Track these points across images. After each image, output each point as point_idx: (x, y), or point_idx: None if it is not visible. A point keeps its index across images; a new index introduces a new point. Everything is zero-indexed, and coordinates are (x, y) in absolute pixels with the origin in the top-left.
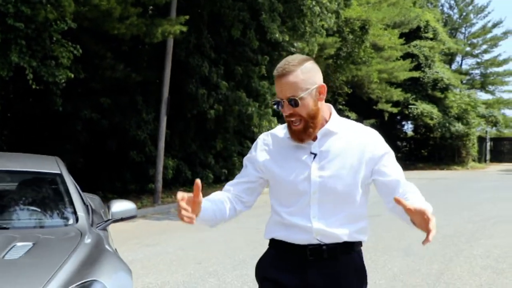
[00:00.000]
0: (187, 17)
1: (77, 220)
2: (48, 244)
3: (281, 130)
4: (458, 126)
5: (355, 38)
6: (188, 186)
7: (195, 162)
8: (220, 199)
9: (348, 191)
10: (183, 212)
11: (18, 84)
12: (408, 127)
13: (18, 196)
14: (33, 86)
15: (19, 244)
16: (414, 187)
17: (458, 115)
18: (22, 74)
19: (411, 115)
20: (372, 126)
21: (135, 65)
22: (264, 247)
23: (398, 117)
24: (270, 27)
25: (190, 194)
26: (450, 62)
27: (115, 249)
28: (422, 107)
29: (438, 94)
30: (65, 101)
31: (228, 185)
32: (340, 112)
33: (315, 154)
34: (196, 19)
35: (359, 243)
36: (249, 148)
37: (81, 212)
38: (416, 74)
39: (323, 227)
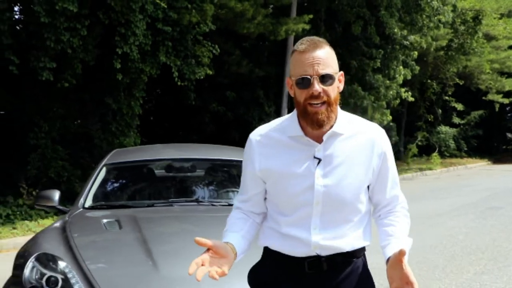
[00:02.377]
0: (311, 16)
1: None
2: None
3: (275, 129)
4: None
5: (467, 29)
6: None
7: None
8: (240, 223)
9: (355, 200)
10: (210, 272)
11: (160, 81)
12: None
13: (236, 181)
14: (178, 83)
15: None
16: (402, 216)
17: None
18: (165, 72)
19: None
20: (480, 117)
21: (257, 61)
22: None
23: (508, 108)
24: (388, 22)
25: (205, 256)
26: None
27: None
28: None
29: None
30: (195, 95)
31: (237, 202)
32: (446, 103)
33: (319, 160)
34: (314, 16)
35: (362, 249)
36: None
37: None
38: None
39: (323, 241)
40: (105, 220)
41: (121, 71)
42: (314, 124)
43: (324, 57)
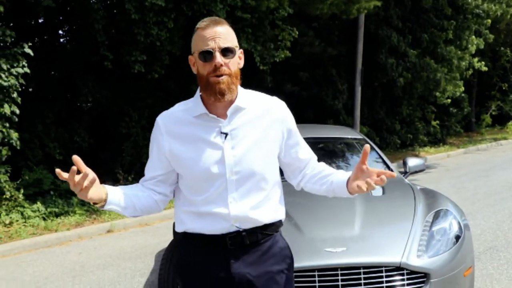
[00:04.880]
0: None
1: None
2: (391, 186)
3: (180, 111)
4: None
5: None
6: None
7: (382, 128)
8: (134, 188)
9: (265, 168)
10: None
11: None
12: None
13: (346, 156)
14: (261, 67)
15: None
16: (322, 164)
17: None
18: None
19: None
20: None
21: (329, 40)
22: None
23: None
24: None
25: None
26: None
27: None
28: None
29: None
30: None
31: (140, 182)
32: None
33: (226, 134)
34: None
35: (280, 222)
36: (432, 113)
37: (391, 166)
38: None
39: (242, 213)
40: None
41: None
42: (216, 94)
43: (225, 32)
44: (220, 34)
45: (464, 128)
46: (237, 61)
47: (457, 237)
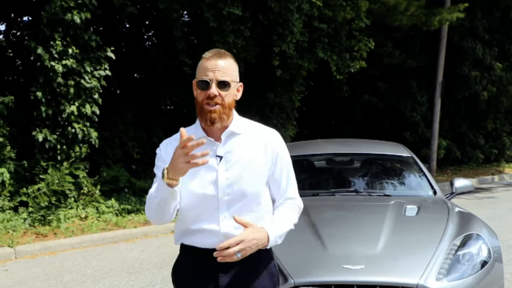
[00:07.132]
0: (466, 4)
1: (435, 192)
2: (428, 207)
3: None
4: None
5: None
6: (457, 165)
7: (464, 142)
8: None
9: (256, 191)
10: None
11: (313, 74)
12: None
13: (390, 173)
14: (337, 77)
15: (408, 206)
16: (289, 207)
17: None
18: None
19: None
20: None
21: (409, 51)
22: None
23: None
24: None
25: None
26: None
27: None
28: None
29: None
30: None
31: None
32: None
33: (221, 157)
34: (470, 3)
35: None
36: None
37: (436, 186)
38: None
39: (231, 231)
40: None
41: (280, 67)
42: (207, 121)
43: (225, 66)
44: (220, 67)
45: None
46: (233, 94)
47: (484, 263)
